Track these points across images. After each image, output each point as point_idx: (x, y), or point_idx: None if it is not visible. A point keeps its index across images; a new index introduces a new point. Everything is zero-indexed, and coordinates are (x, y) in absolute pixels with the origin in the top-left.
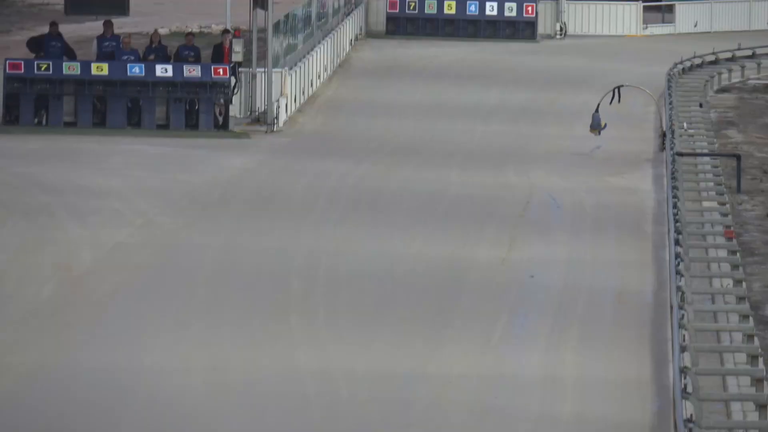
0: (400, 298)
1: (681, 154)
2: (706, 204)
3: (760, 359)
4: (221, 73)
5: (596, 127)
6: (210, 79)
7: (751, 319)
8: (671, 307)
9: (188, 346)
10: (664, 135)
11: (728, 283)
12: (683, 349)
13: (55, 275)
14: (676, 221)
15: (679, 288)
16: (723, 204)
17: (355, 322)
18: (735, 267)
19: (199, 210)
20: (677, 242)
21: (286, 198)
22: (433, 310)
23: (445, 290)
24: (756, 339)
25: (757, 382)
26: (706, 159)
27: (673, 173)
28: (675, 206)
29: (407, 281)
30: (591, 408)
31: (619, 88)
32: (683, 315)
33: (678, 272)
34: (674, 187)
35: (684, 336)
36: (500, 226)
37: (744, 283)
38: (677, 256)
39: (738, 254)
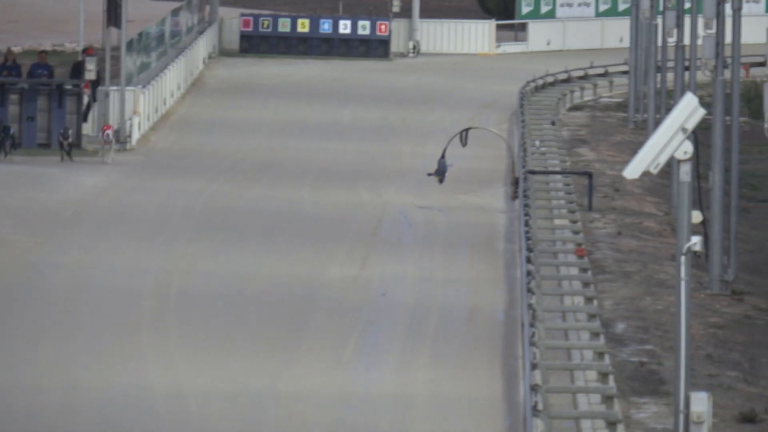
0: (252, 317)
1: (533, 172)
2: (557, 222)
3: (611, 377)
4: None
5: (441, 174)
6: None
7: (602, 336)
8: (522, 325)
9: (40, 364)
10: (516, 182)
11: (579, 300)
12: (534, 366)
13: None
14: (528, 239)
15: (530, 306)
16: (574, 222)
17: (207, 340)
18: (586, 285)
19: (52, 228)
20: (528, 260)
21: (139, 216)
22: (285, 328)
23: (297, 309)
24: (607, 357)
25: (608, 399)
26: (558, 177)
27: (524, 191)
28: (526, 224)
29: (260, 299)
30: (442, 426)
31: (467, 130)
32: (534, 333)
33: (529, 290)
34: (526, 205)
35: (535, 353)
36: (353, 245)
37: (595, 301)
38: (528, 273)
39: (589, 272)
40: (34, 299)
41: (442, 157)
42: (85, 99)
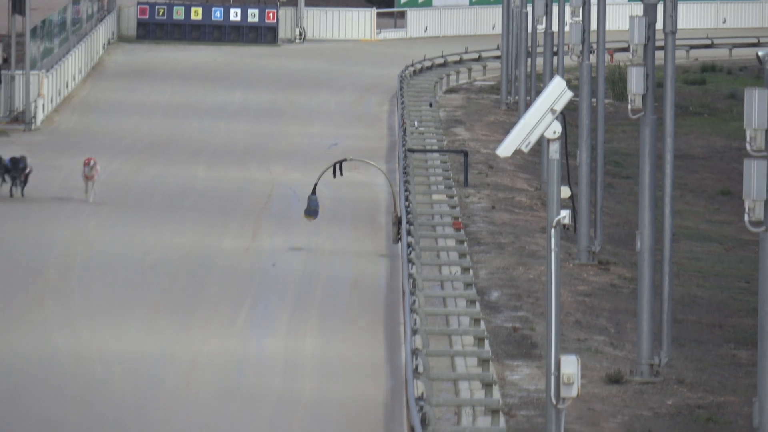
0: (151, 285)
1: (412, 151)
2: (435, 197)
3: (486, 341)
4: None
5: (311, 213)
6: None
7: (477, 304)
8: (403, 293)
9: None
10: (399, 222)
11: (456, 270)
12: (414, 332)
13: None
14: (408, 213)
15: (410, 275)
16: (451, 197)
17: (108, 307)
18: (462, 255)
19: None
20: (409, 233)
21: (43, 192)
22: (182, 296)
23: (193, 278)
24: (482, 323)
25: (483, 362)
26: (436, 155)
27: (404, 168)
28: (407, 199)
29: (157, 269)
30: (330, 387)
31: (341, 162)
32: (414, 300)
33: (410, 260)
34: (406, 182)
35: (415, 320)
36: (244, 218)
37: (471, 271)
38: (409, 245)
39: (465, 243)
40: None
41: (313, 193)
42: None
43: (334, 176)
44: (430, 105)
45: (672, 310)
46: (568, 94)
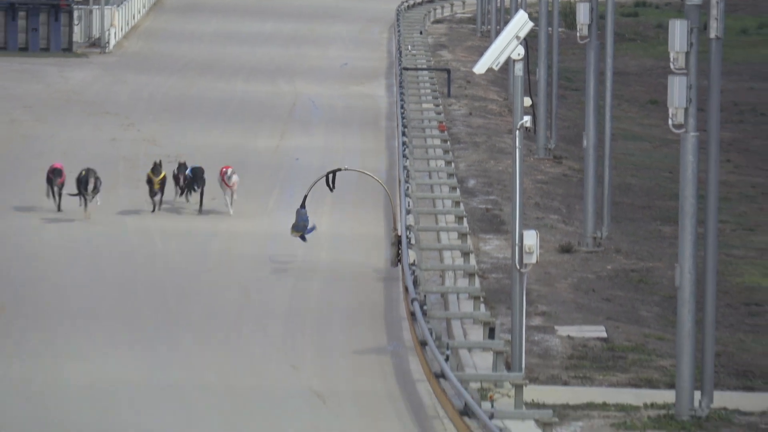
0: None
1: (406, 69)
2: (425, 105)
3: (464, 219)
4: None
5: (300, 229)
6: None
7: (457, 190)
8: (399, 181)
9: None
10: (399, 242)
11: (441, 163)
12: (408, 212)
13: None
14: (403, 118)
15: (405, 167)
16: (437, 105)
17: (168, 193)
18: (446, 151)
19: (51, 111)
20: (404, 134)
21: (115, 102)
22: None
23: (235, 169)
24: (461, 204)
25: (462, 236)
26: (425, 72)
27: (400, 83)
28: (402, 107)
29: (207, 163)
30: (341, 255)
31: (334, 172)
32: (408, 187)
33: (404, 155)
34: (401, 93)
35: (409, 202)
36: (274, 123)
37: (452, 164)
38: (404, 144)
39: (448, 142)
40: (35, 162)
41: (302, 206)
42: (75, 14)
43: (330, 188)
44: (420, 33)
45: (611, 195)
46: (530, 24)
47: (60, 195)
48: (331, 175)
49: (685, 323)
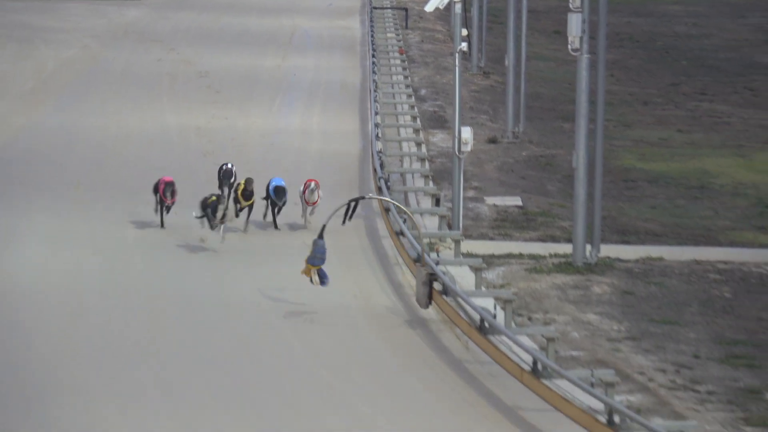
0: (225, 86)
1: (375, 8)
2: (388, 35)
3: (417, 118)
4: None
5: (316, 262)
6: None
7: (413, 97)
8: (370, 91)
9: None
10: (430, 282)
11: (400, 78)
12: (377, 113)
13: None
14: (372, 44)
15: (374, 80)
16: (398, 34)
17: (199, 99)
18: (404, 68)
19: (112, 40)
20: (373, 56)
21: (161, 33)
22: (241, 93)
23: (250, 82)
24: (415, 108)
25: (416, 131)
26: (389, 11)
27: (371, 18)
28: (372, 36)
29: (227, 78)
30: (328, 145)
31: (357, 200)
32: (376, 95)
33: (373, 71)
34: (372, 26)
35: (377, 106)
36: (277, 48)
37: (409, 78)
38: (373, 63)
39: (406, 62)
40: (102, 77)
41: (320, 237)
42: None
43: (344, 223)
44: None
45: (526, 100)
46: None
47: (166, 211)
48: (353, 204)
49: (580, 195)
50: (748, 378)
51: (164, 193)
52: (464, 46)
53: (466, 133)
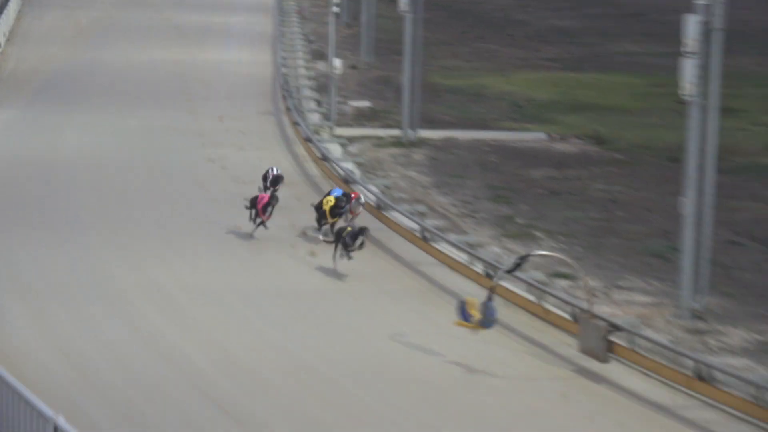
0: (211, 36)
1: None
2: (290, 2)
3: (309, 54)
4: None
5: (488, 325)
6: None
7: (304, 40)
8: (278, 37)
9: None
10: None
11: (296, 28)
12: (283, 50)
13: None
14: (281, 8)
15: (282, 31)
16: (296, 2)
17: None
18: (300, 24)
19: (121, 5)
20: (281, 15)
21: (153, 1)
22: (199, 38)
23: (204, 32)
24: (307, 48)
25: (308, 60)
26: None
27: None
28: (280, 4)
29: (191, 28)
30: (253, 69)
31: (525, 257)
32: (282, 39)
33: (282, 24)
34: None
35: (282, 47)
36: (222, 10)
37: (302, 29)
38: (281, 21)
39: (300, 20)
40: (116, 29)
41: (490, 299)
42: None
43: (509, 272)
44: None
45: (374, 42)
46: None
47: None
48: (519, 261)
49: (407, 99)
50: (506, 210)
51: (263, 209)
52: (336, 9)
53: (337, 62)
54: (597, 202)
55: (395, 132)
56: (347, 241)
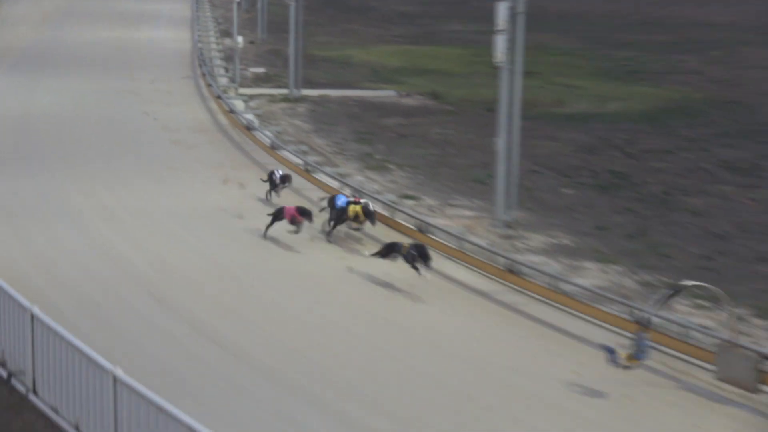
0: (145, 19)
1: None
2: None
3: (217, 32)
4: None
5: (641, 358)
6: None
7: (214, 22)
8: (194, 20)
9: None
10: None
11: (209, 13)
12: (198, 30)
13: (40, 13)
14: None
15: (197, 16)
16: None
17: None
18: (210, 9)
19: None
20: (196, 3)
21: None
22: (135, 20)
23: (139, 16)
24: (217, 27)
25: (216, 39)
26: None
27: None
28: None
29: (131, 14)
30: (176, 44)
31: (678, 289)
32: (198, 23)
33: (197, 11)
34: None
35: (198, 27)
36: (153, 2)
37: (214, 12)
38: (197, 8)
39: (211, 6)
40: (73, 14)
41: (644, 330)
42: None
43: (662, 304)
44: None
45: (267, 24)
46: None
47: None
48: (672, 292)
49: (292, 66)
50: (367, 148)
51: (291, 220)
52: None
53: (239, 39)
54: (434, 142)
55: (284, 91)
56: (413, 256)
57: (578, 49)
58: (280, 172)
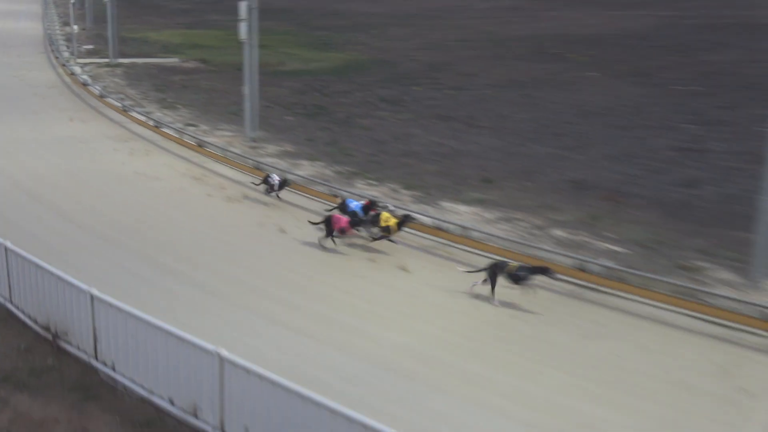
0: (13, 17)
1: None
2: None
3: (76, 28)
4: None
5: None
6: None
7: (59, 17)
8: (43, 15)
9: None
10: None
11: (54, 11)
12: (48, 22)
13: None
14: (45, 1)
15: (46, 12)
16: None
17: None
18: (57, 7)
19: None
20: (44, 4)
21: None
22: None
23: (13, 15)
24: (59, 20)
25: (61, 27)
26: None
27: None
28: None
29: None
30: (31, 32)
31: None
32: (46, 17)
33: (46, 9)
34: None
35: (47, 20)
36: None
37: (59, 13)
38: (46, 7)
39: (57, 6)
40: None
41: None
42: None
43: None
44: None
45: (93, 15)
46: None
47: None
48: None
49: (111, 35)
50: (162, 96)
51: (340, 230)
52: (73, 0)
53: (75, 27)
54: (205, 90)
55: (106, 60)
56: (520, 276)
57: (292, 30)
58: (278, 179)
